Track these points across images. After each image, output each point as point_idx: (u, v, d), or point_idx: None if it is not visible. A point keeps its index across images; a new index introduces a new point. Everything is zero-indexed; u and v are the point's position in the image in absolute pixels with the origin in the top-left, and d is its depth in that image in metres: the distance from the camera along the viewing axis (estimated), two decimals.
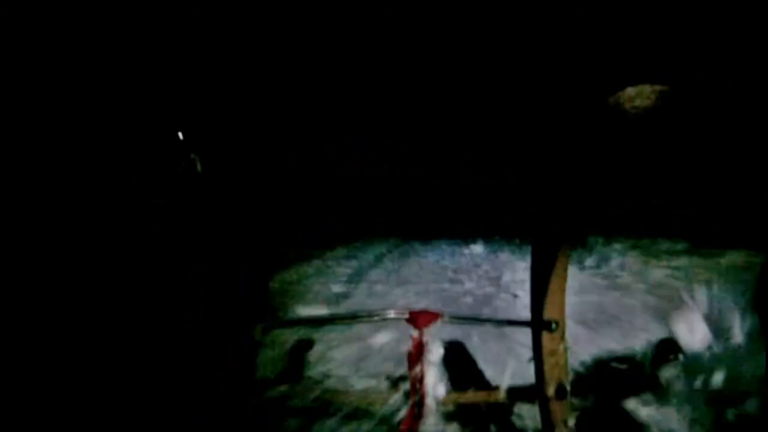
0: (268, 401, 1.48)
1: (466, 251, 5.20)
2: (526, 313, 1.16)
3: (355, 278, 3.72)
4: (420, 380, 0.87)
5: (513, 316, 2.52)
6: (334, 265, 4.32)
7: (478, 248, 5.31)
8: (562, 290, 1.03)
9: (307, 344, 2.08)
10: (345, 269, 4.12)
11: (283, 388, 0.98)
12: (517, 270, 3.90)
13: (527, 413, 1.42)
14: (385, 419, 1.41)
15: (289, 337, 2.16)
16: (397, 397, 0.89)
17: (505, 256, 4.75)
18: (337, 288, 3.36)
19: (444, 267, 4.39)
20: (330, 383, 1.69)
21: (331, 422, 1.39)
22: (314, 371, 1.81)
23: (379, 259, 4.81)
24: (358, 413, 1.43)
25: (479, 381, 1.73)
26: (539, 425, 1.09)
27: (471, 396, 0.97)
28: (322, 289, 3.36)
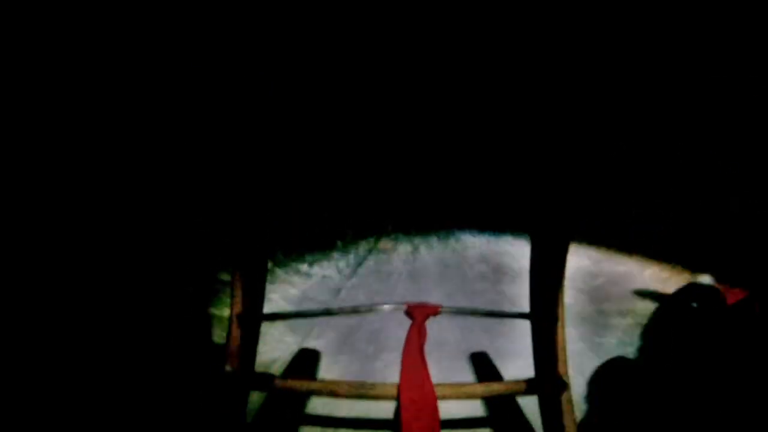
0: (266, 395, 1.49)
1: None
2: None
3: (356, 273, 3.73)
4: (418, 374, 0.87)
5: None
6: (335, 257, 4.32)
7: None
8: (561, 283, 1.02)
9: (307, 339, 2.08)
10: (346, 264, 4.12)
11: (281, 382, 0.98)
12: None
13: (527, 406, 1.42)
14: (384, 414, 1.41)
15: (290, 331, 2.17)
16: (395, 390, 0.89)
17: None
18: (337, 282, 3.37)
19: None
20: (329, 378, 1.69)
21: (330, 418, 1.40)
22: (314, 366, 1.81)
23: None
24: (357, 408, 1.43)
25: (478, 374, 1.73)
26: (539, 418, 1.09)
27: (470, 389, 0.97)
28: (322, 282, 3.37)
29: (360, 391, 0.93)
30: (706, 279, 2.34)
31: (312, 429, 1.34)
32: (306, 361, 1.85)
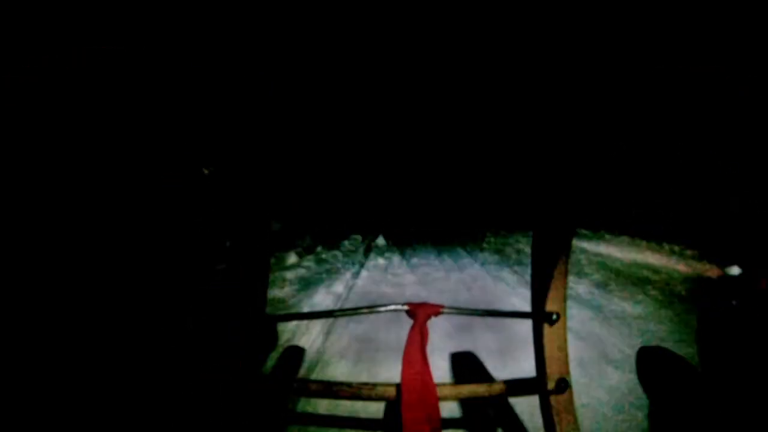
0: (267, 396, 1.49)
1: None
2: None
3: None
4: (419, 373, 0.87)
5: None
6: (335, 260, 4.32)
7: None
8: (563, 282, 1.02)
9: (307, 338, 2.08)
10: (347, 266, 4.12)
11: (281, 382, 0.98)
12: None
13: (528, 407, 1.42)
14: (384, 413, 1.41)
15: (290, 330, 2.17)
16: (395, 391, 0.89)
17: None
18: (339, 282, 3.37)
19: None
20: (329, 377, 1.69)
21: (330, 417, 1.40)
22: (313, 365, 1.81)
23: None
24: (358, 407, 1.43)
25: (479, 374, 1.73)
26: (540, 418, 1.09)
27: (471, 389, 0.97)
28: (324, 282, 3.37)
29: (361, 392, 0.92)
30: (735, 270, 2.32)
31: (311, 429, 1.34)
32: (305, 362, 1.85)
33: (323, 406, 1.44)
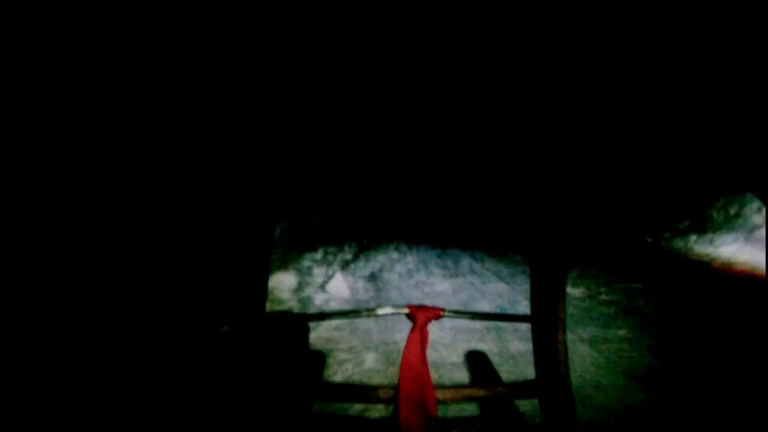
0: (266, 396, 1.49)
1: None
2: None
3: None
4: (418, 375, 0.87)
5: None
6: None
7: None
8: (562, 285, 1.02)
9: (307, 339, 2.08)
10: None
11: (280, 383, 0.98)
12: None
13: (528, 408, 1.42)
14: (384, 415, 1.41)
15: (290, 331, 2.17)
16: (395, 393, 0.89)
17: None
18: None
19: None
20: (330, 379, 1.70)
21: (328, 417, 1.40)
22: (314, 366, 1.82)
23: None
24: (358, 409, 1.44)
25: (479, 376, 1.73)
26: (539, 420, 1.09)
27: (470, 391, 0.97)
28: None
29: (360, 393, 0.93)
30: None
31: (308, 430, 1.34)
32: (305, 362, 1.85)
33: (321, 406, 1.44)
